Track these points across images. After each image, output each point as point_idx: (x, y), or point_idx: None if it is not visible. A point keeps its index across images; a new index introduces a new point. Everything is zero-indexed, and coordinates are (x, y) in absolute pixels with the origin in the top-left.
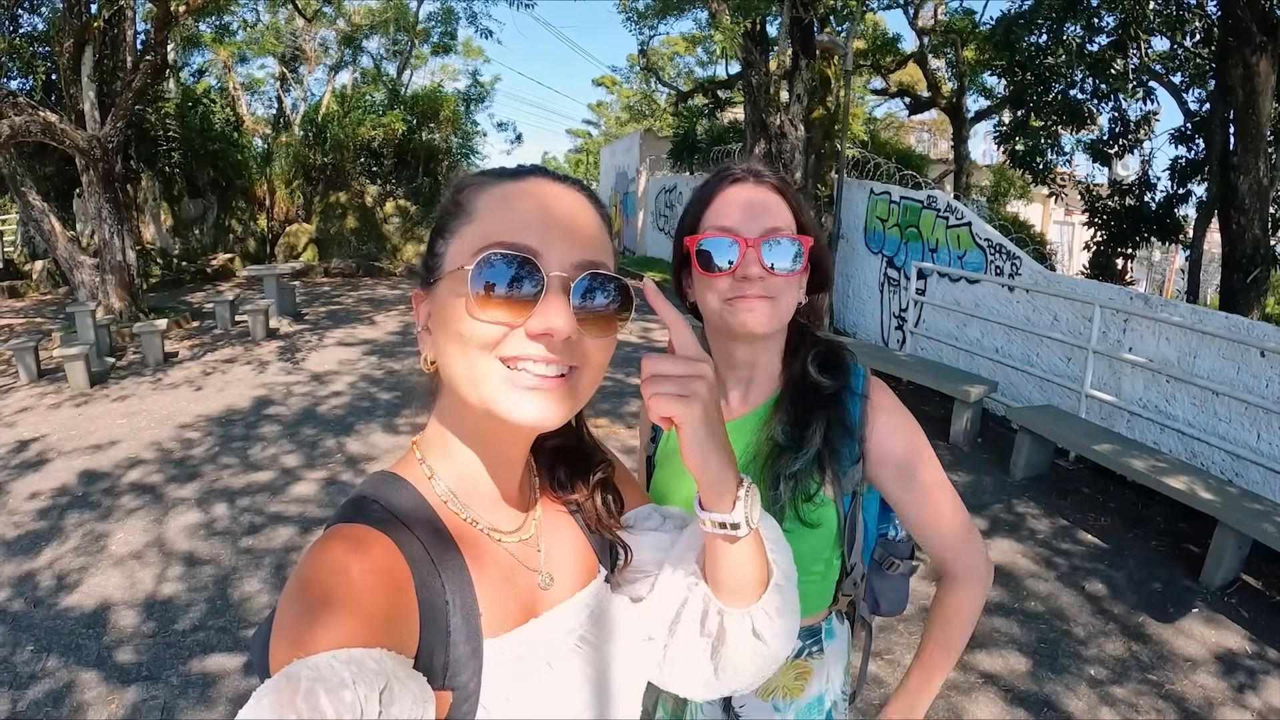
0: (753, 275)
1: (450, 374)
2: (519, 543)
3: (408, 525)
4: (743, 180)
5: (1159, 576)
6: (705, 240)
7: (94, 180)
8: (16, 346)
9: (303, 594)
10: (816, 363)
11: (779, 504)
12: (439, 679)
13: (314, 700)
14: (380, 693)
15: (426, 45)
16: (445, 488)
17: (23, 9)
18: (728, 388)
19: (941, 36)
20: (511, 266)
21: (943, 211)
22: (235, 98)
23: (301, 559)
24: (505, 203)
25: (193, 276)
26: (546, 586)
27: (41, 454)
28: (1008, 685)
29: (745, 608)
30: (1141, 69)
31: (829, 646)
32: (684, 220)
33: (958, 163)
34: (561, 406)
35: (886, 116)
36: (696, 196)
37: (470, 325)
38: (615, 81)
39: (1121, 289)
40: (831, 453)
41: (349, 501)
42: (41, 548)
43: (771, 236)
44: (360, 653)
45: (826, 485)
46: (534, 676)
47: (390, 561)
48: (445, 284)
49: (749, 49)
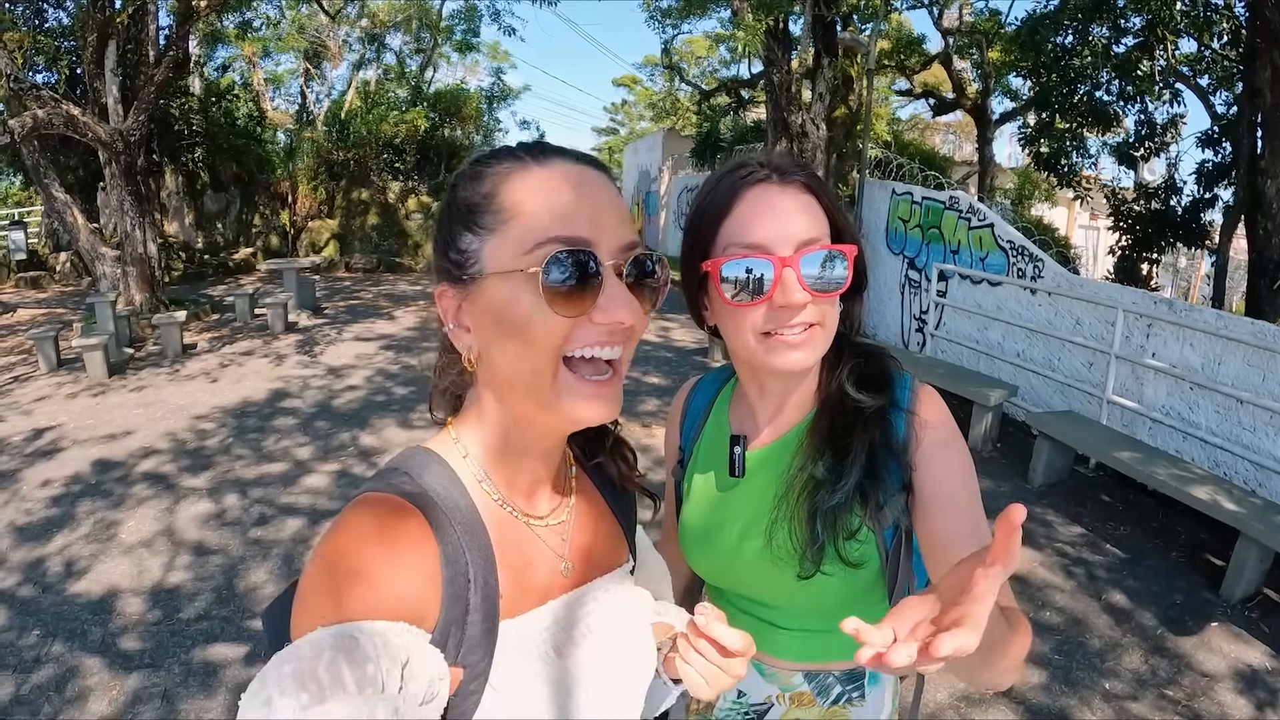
0: (795, 302)
1: (509, 373)
2: (547, 528)
3: (437, 500)
4: (765, 180)
5: (1178, 588)
6: (730, 263)
7: (116, 173)
8: (37, 336)
9: (329, 562)
10: (855, 378)
11: (817, 544)
12: (452, 655)
13: (336, 670)
14: (402, 667)
15: (449, 42)
16: (481, 469)
17: (47, 3)
18: (756, 409)
19: (966, 37)
20: (574, 263)
21: (965, 213)
22: (259, 93)
23: (330, 526)
24: (545, 194)
25: (214, 270)
26: (567, 574)
27: (56, 442)
28: (1021, 697)
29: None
30: (1168, 71)
31: (871, 693)
32: (696, 232)
33: (982, 165)
34: (618, 395)
35: (911, 118)
36: (709, 202)
37: (538, 323)
38: (636, 81)
39: (1145, 293)
40: (874, 481)
41: (381, 472)
42: (52, 534)
43: (809, 250)
44: (384, 625)
45: (869, 519)
46: (543, 661)
47: (418, 534)
48: (498, 283)
49: (771, 47)
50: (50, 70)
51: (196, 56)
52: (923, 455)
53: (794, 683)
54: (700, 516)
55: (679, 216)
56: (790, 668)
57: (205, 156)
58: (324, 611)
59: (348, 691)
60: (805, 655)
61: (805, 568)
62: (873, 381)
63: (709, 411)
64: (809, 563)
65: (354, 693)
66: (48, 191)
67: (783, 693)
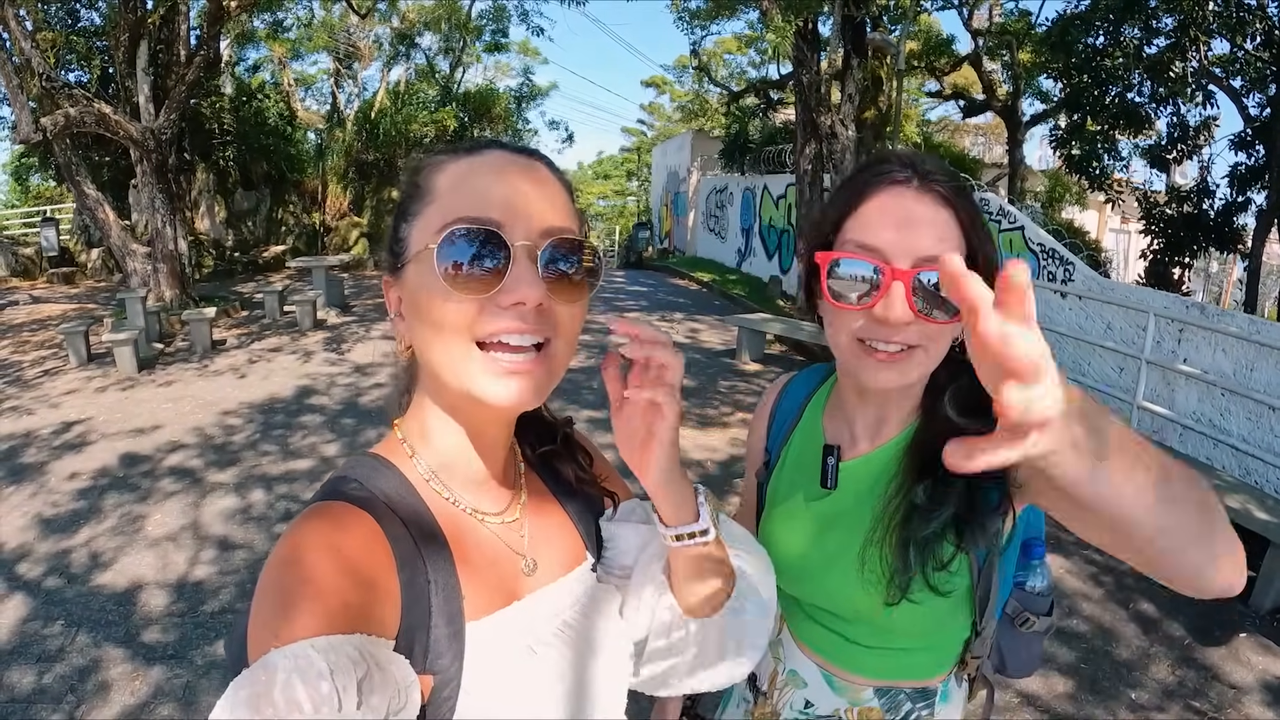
0: (896, 319)
1: (427, 358)
2: (503, 525)
3: (389, 504)
4: (905, 183)
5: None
6: (843, 261)
7: (147, 171)
8: (67, 330)
9: (281, 577)
10: (960, 399)
11: (908, 573)
12: (420, 662)
13: (291, 692)
14: (360, 681)
15: (480, 43)
16: (427, 468)
17: (80, 3)
18: (854, 417)
19: (996, 38)
20: (476, 241)
21: (995, 215)
22: (289, 93)
23: (280, 539)
24: (464, 178)
25: (244, 267)
26: (530, 572)
27: (84, 436)
28: (1045, 706)
29: (710, 616)
30: (1201, 72)
31: (940, 709)
32: (821, 220)
33: (1012, 167)
34: (539, 385)
35: (941, 120)
36: (843, 194)
37: (442, 306)
38: (665, 82)
39: (1177, 297)
40: (971, 511)
41: (329, 480)
42: (79, 526)
43: (928, 268)
44: (339, 640)
45: (962, 547)
46: (517, 661)
47: (372, 541)
48: (413, 267)
49: (800, 48)
50: (83, 69)
51: (228, 57)
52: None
53: (863, 698)
54: (786, 526)
55: (707, 217)
56: (862, 683)
57: (236, 155)
58: (278, 629)
59: (304, 713)
60: (880, 673)
61: (892, 594)
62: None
63: (800, 414)
64: (896, 590)
65: (310, 713)
66: (79, 189)
67: (851, 707)
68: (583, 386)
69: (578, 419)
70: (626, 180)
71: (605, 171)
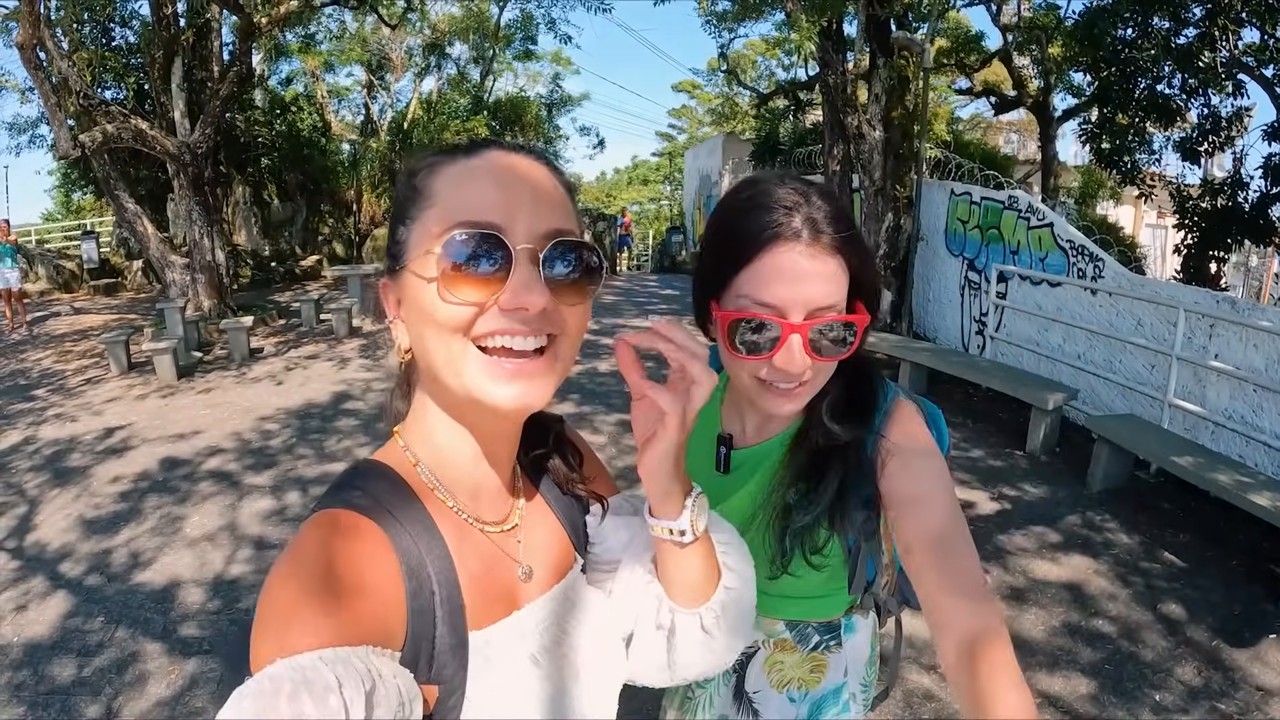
0: (794, 370)
1: (429, 362)
2: (501, 533)
3: (393, 513)
4: (795, 239)
5: (1238, 598)
6: (740, 319)
7: (184, 184)
8: (108, 340)
9: (287, 586)
10: (834, 410)
11: (785, 556)
12: (425, 673)
13: (298, 704)
14: (367, 694)
15: (510, 51)
16: (430, 475)
17: (114, 23)
18: (745, 418)
19: (1026, 33)
20: (476, 244)
21: (1024, 212)
22: (323, 105)
23: (286, 548)
24: (463, 180)
25: (281, 277)
26: (526, 578)
27: (126, 441)
28: (1067, 707)
29: (695, 608)
30: (1231, 62)
31: (848, 641)
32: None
33: (1045, 163)
34: (543, 387)
35: (973, 117)
36: (735, 246)
37: (443, 309)
38: (696, 86)
39: (1207, 292)
40: (841, 505)
41: (333, 488)
42: (120, 527)
43: (821, 320)
44: (346, 652)
45: (834, 532)
46: (520, 671)
47: (378, 551)
48: (413, 271)
49: (825, 49)
50: (119, 86)
51: (260, 71)
52: (889, 474)
53: (777, 630)
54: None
55: None
56: (772, 620)
57: (271, 167)
58: (284, 639)
59: None
60: (786, 614)
61: (774, 571)
62: (854, 410)
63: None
64: (778, 567)
65: None
66: (118, 202)
67: (768, 638)
68: (614, 391)
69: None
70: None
71: (644, 176)
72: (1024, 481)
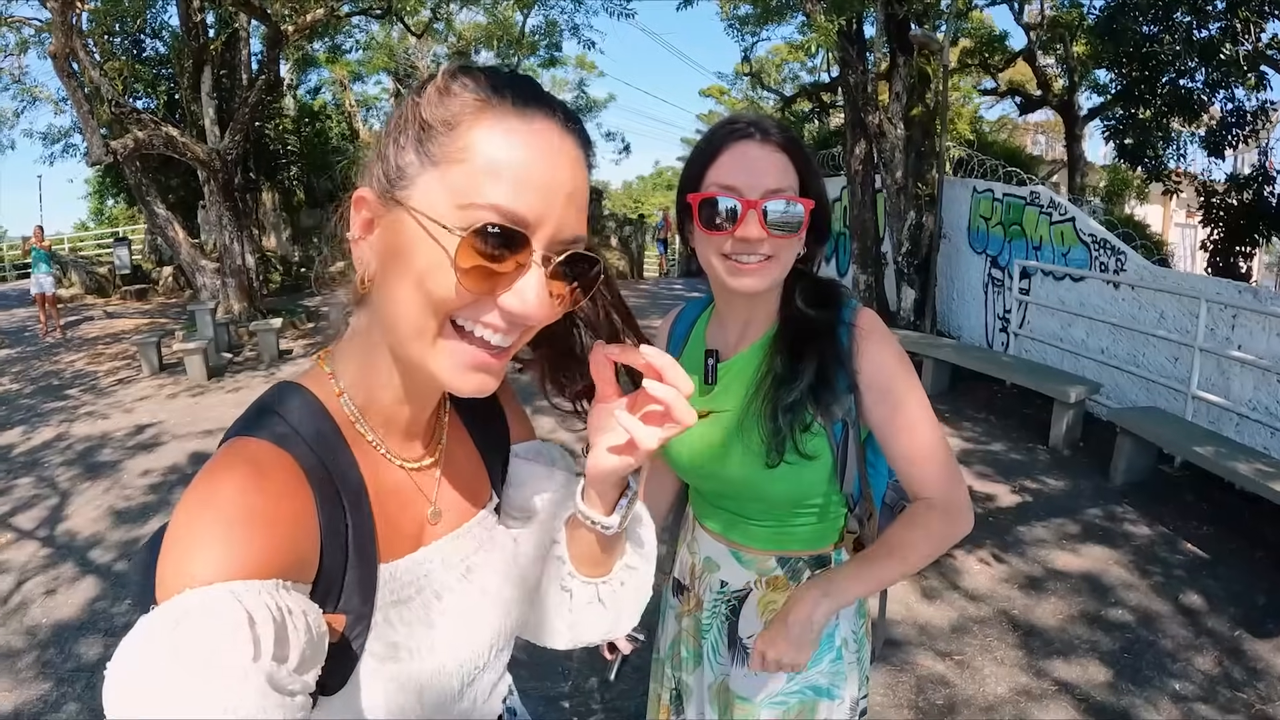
0: (752, 237)
1: (393, 314)
2: (418, 469)
3: (310, 444)
4: (749, 137)
5: (1260, 589)
6: (707, 198)
7: (215, 190)
8: (140, 341)
9: (198, 516)
10: (807, 298)
11: (779, 435)
12: (333, 602)
13: (207, 637)
14: (277, 628)
15: (535, 59)
16: (353, 407)
17: (145, 34)
18: (728, 327)
19: (1049, 31)
20: (502, 241)
21: (1046, 208)
22: (351, 113)
23: (197, 476)
24: (508, 151)
25: (311, 282)
26: (435, 518)
27: (156, 437)
28: (1083, 695)
29: (594, 579)
30: (1255, 56)
31: None
32: (688, 172)
33: (1071, 162)
34: (500, 375)
35: (1000, 119)
36: (702, 149)
37: (439, 284)
38: (724, 91)
39: (1229, 282)
40: (824, 382)
41: (249, 412)
42: (149, 517)
43: (773, 198)
44: (257, 585)
45: (820, 415)
46: (423, 605)
47: (292, 481)
48: (416, 220)
49: (845, 48)
50: (149, 95)
51: (289, 80)
52: (862, 357)
53: (769, 567)
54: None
55: None
56: (764, 554)
57: (300, 174)
58: (193, 570)
59: (220, 660)
60: (775, 543)
61: (771, 458)
62: (822, 302)
63: (689, 334)
64: (774, 453)
65: (226, 661)
66: (150, 209)
67: (760, 576)
68: None
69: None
70: None
71: (669, 181)
72: (1046, 475)
